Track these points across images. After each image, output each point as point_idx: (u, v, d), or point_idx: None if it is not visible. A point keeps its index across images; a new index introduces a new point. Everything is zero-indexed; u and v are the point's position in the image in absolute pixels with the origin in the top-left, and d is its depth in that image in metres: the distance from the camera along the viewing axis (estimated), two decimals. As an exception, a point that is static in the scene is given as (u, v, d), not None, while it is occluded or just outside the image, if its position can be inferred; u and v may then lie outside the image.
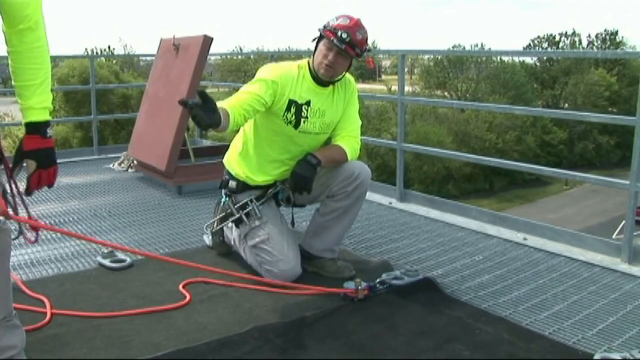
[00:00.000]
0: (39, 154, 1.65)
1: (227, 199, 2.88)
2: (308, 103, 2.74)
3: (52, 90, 1.66)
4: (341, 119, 2.87)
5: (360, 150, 2.91)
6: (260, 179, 2.83)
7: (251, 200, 2.80)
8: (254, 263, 2.83)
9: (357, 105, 2.94)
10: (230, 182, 2.87)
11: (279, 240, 2.75)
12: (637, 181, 3.12)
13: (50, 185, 1.74)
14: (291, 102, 2.71)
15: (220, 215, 2.94)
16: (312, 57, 2.77)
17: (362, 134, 3.01)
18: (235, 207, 2.83)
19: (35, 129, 1.62)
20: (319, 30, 2.74)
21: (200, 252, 3.20)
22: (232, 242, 2.96)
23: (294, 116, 2.72)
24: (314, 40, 2.78)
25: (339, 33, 2.64)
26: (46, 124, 1.64)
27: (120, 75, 26.01)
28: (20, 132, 1.86)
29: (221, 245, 3.09)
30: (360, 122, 2.95)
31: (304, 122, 2.75)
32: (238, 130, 2.88)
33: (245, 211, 2.80)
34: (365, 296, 2.59)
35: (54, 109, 1.70)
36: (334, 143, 2.86)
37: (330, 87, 2.82)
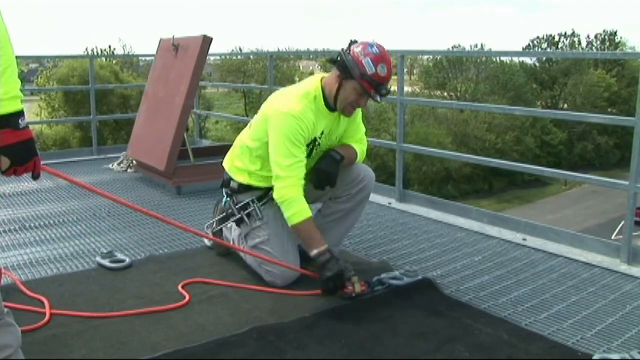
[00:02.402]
0: (11, 150, 1.48)
1: (228, 198, 2.88)
2: (322, 132, 2.74)
3: (20, 77, 1.49)
4: (347, 129, 2.87)
5: (367, 152, 2.96)
6: (264, 185, 2.80)
7: (252, 201, 2.79)
8: (253, 263, 2.82)
9: (360, 114, 2.94)
10: (232, 182, 2.85)
11: (279, 241, 2.75)
12: (636, 182, 3.12)
13: (35, 177, 1.61)
14: (311, 141, 2.71)
15: (221, 216, 2.94)
16: (332, 86, 2.67)
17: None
18: (237, 207, 2.82)
19: (5, 122, 1.45)
20: (348, 65, 2.58)
21: (200, 253, 3.20)
22: (231, 243, 2.95)
23: (308, 148, 2.72)
24: (335, 63, 2.66)
25: (382, 90, 2.59)
26: (17, 114, 1.47)
27: (119, 76, 26.01)
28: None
29: (220, 246, 3.08)
30: (364, 129, 2.97)
31: (315, 149, 2.77)
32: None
33: (246, 212, 2.79)
34: (363, 292, 2.59)
35: (54, 108, 1.59)
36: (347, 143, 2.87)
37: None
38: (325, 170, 2.73)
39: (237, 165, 2.83)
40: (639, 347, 2.21)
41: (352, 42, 2.68)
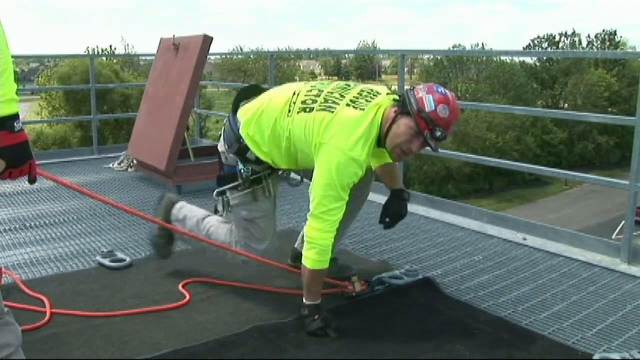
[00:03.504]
0: (7, 152, 1.48)
1: (244, 166, 2.55)
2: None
3: (16, 80, 1.50)
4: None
5: None
6: (285, 166, 2.59)
7: (266, 176, 2.57)
8: (220, 237, 2.66)
9: None
10: (249, 153, 2.54)
11: (271, 222, 2.66)
12: (636, 181, 3.12)
13: (31, 180, 1.60)
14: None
15: (235, 183, 2.60)
16: (386, 121, 2.36)
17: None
18: (252, 178, 2.55)
19: (1, 124, 1.45)
20: (408, 100, 2.32)
21: (200, 252, 3.20)
22: (185, 229, 2.79)
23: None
24: (399, 101, 2.38)
25: (437, 132, 2.28)
26: (13, 117, 1.47)
27: (120, 75, 26.03)
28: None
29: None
30: None
31: None
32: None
33: (259, 186, 2.57)
34: (362, 291, 2.59)
35: (54, 107, 1.59)
36: (383, 161, 2.73)
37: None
38: (402, 214, 2.76)
39: (257, 140, 2.50)
40: (639, 346, 2.21)
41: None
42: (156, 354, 2.11)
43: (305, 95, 2.45)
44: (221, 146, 2.64)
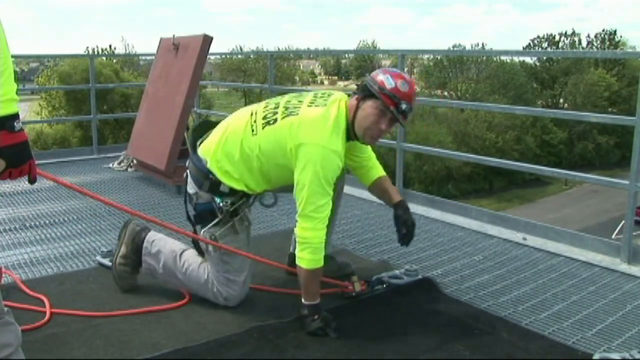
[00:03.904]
0: (7, 152, 1.49)
1: (221, 199, 2.50)
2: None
3: (16, 80, 1.50)
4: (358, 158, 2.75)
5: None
6: (259, 189, 2.57)
7: (242, 204, 2.54)
8: (201, 281, 2.54)
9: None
10: (222, 186, 2.50)
11: (248, 250, 2.59)
12: (636, 181, 3.12)
13: (31, 181, 1.61)
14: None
15: (217, 220, 2.52)
16: (351, 111, 2.44)
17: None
18: (230, 211, 2.51)
19: (1, 124, 1.46)
20: (367, 83, 2.42)
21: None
22: (160, 268, 2.64)
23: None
24: (357, 91, 2.46)
25: (402, 105, 2.36)
26: (13, 117, 1.48)
27: (120, 74, 26.04)
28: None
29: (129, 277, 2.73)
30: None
31: None
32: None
33: (238, 217, 2.53)
34: (362, 291, 2.59)
35: (54, 107, 1.59)
36: (377, 175, 2.81)
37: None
38: (415, 223, 2.74)
39: (227, 169, 2.48)
40: (639, 346, 2.21)
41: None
42: (156, 354, 2.11)
43: (264, 112, 2.51)
44: (191, 188, 2.56)
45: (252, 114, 2.53)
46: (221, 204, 2.49)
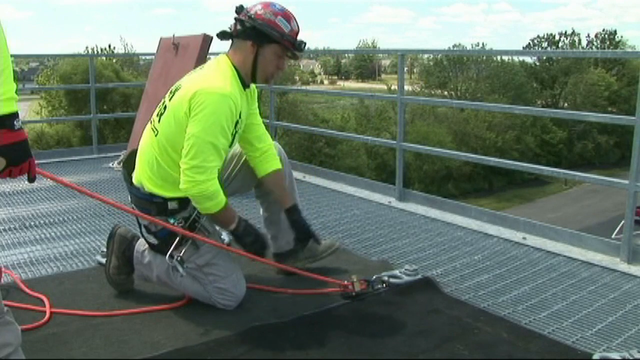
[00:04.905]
0: (7, 150, 1.50)
1: (176, 220, 2.43)
2: (240, 114, 2.45)
3: (15, 79, 1.51)
4: (251, 122, 2.66)
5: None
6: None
7: (198, 216, 2.45)
8: (199, 290, 2.50)
9: (256, 96, 2.72)
10: (170, 203, 2.43)
11: (226, 255, 2.53)
12: (636, 181, 3.12)
13: (31, 179, 1.62)
14: (235, 124, 2.43)
15: (176, 241, 2.43)
16: (246, 58, 2.47)
17: (362, 133, 3.01)
18: (187, 226, 2.43)
19: (1, 123, 1.48)
20: (263, 29, 2.41)
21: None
22: (154, 279, 2.59)
23: (232, 135, 2.44)
24: (241, 34, 2.46)
25: (301, 45, 2.48)
26: (13, 115, 1.50)
27: (120, 74, 26.02)
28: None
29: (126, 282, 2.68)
30: (262, 121, 2.78)
31: (237, 136, 2.51)
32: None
33: (196, 230, 2.46)
34: (362, 290, 2.60)
35: (54, 107, 1.60)
36: (275, 167, 2.69)
37: (248, 88, 2.59)
38: (311, 231, 2.71)
39: (159, 182, 2.43)
40: (639, 346, 2.21)
41: (241, 7, 2.49)
42: (156, 354, 2.11)
43: (157, 113, 2.52)
44: (143, 220, 2.46)
45: (151, 123, 2.54)
46: (175, 223, 2.43)
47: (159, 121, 2.47)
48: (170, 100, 2.46)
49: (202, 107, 2.30)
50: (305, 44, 2.50)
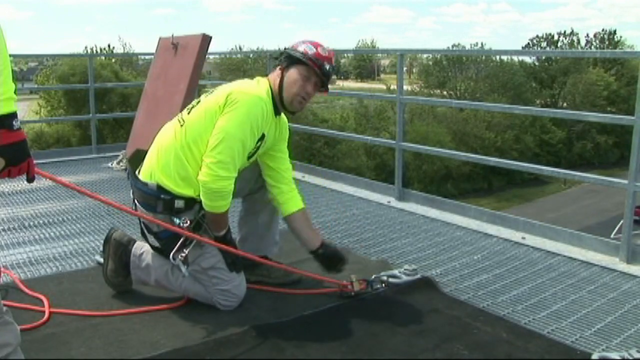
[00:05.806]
0: (6, 150, 1.51)
1: (181, 221, 2.42)
2: (263, 137, 2.51)
3: (14, 79, 1.52)
4: (277, 153, 2.68)
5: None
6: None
7: (202, 217, 2.46)
8: (200, 291, 2.50)
9: (287, 136, 2.75)
10: (177, 201, 2.42)
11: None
12: (635, 181, 3.12)
13: (30, 179, 1.62)
14: (260, 137, 2.48)
15: (181, 241, 2.44)
16: (275, 82, 2.54)
17: (362, 133, 3.01)
18: (192, 227, 2.43)
19: (0, 122, 1.48)
20: (290, 52, 2.53)
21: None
22: (152, 283, 2.58)
23: (255, 146, 2.50)
24: (278, 62, 2.57)
25: (326, 66, 2.50)
26: (12, 115, 1.50)
27: (119, 75, 25.98)
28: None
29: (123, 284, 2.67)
30: (290, 165, 2.75)
31: (257, 152, 2.55)
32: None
33: (201, 231, 2.47)
34: (362, 290, 2.60)
35: (53, 107, 1.60)
36: (294, 207, 2.66)
37: (279, 116, 2.63)
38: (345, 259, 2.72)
39: (171, 178, 2.42)
40: (638, 345, 2.21)
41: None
42: (155, 354, 2.11)
43: (187, 108, 2.57)
44: (147, 216, 2.42)
45: (177, 119, 2.57)
46: (180, 224, 2.41)
47: (188, 113, 2.52)
48: (206, 97, 2.53)
49: (237, 105, 2.38)
50: (333, 69, 2.55)
